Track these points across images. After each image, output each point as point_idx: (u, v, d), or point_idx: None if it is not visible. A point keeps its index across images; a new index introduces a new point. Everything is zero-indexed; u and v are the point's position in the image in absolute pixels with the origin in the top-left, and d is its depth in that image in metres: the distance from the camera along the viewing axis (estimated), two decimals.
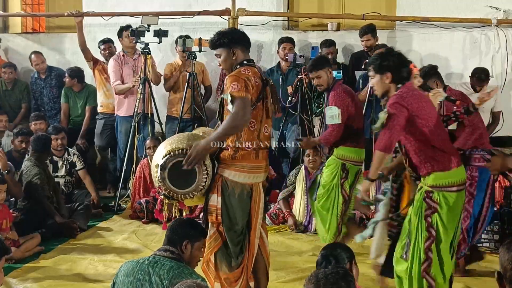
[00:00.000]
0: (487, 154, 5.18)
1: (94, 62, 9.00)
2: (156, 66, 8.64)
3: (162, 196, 4.68)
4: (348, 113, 6.13)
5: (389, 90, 4.60)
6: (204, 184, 4.50)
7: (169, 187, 4.51)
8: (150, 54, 8.26)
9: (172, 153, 4.49)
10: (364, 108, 7.69)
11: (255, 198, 4.62)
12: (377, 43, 8.26)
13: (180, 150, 4.48)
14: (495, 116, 7.94)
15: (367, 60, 7.65)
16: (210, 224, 4.60)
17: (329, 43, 8.52)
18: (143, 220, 7.51)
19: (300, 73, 8.04)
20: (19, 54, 10.34)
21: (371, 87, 7.53)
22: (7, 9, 10.80)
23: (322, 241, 6.24)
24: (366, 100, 7.70)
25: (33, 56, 9.38)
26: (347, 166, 6.20)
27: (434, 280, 4.52)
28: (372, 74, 4.65)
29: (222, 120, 4.66)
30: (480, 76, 7.64)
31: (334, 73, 7.68)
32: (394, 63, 4.58)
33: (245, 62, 4.62)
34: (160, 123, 8.57)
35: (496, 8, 8.20)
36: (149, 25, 8.25)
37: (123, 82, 8.59)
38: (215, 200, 4.54)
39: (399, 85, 4.55)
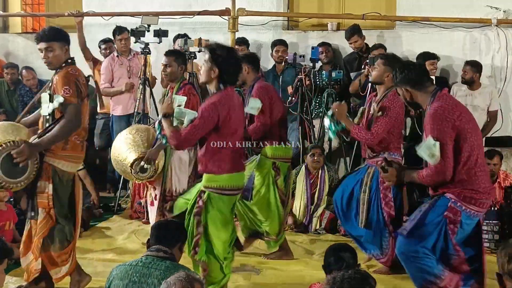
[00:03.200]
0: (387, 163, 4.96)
1: (94, 62, 9.00)
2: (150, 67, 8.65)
3: None
4: (271, 109, 6.17)
5: None
6: (34, 174, 4.91)
7: (1, 177, 4.78)
8: (150, 54, 8.25)
9: (4, 145, 4.78)
10: None
11: (77, 185, 5.18)
12: (365, 42, 8.33)
13: (11, 142, 4.79)
14: (492, 116, 7.94)
15: (367, 60, 7.68)
16: (40, 209, 5.01)
17: (322, 43, 8.58)
18: (143, 220, 7.51)
19: (300, 73, 8.03)
20: (19, 55, 10.34)
21: (372, 86, 7.60)
22: (7, 9, 10.80)
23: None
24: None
25: (24, 71, 9.39)
26: (277, 164, 6.21)
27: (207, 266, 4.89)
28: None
29: None
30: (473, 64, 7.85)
31: (335, 72, 7.72)
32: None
33: (69, 61, 5.04)
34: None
35: (496, 8, 8.20)
36: (149, 25, 8.25)
37: (111, 84, 8.64)
38: (47, 187, 4.98)
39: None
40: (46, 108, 4.99)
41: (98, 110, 9.11)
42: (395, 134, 5.78)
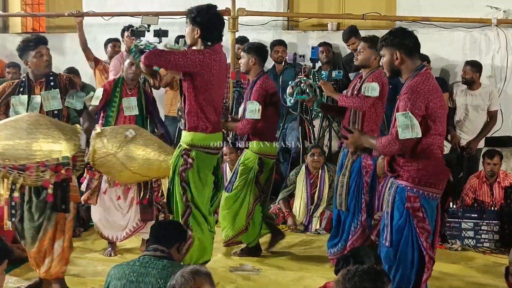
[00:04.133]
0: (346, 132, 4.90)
1: (96, 62, 8.99)
2: None
3: None
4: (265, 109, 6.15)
5: None
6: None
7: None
8: None
9: None
10: None
11: None
12: None
13: None
14: (492, 115, 7.93)
15: None
16: (71, 204, 5.02)
17: (323, 43, 8.58)
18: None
19: (299, 73, 8.02)
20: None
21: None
22: (7, 9, 10.81)
23: (224, 237, 6.32)
24: None
25: (8, 69, 9.39)
26: (263, 160, 6.20)
27: (191, 231, 5.04)
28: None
29: None
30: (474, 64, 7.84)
31: (335, 72, 7.72)
32: None
33: None
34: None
35: (496, 8, 8.19)
36: (149, 25, 8.24)
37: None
38: (75, 181, 5.11)
39: None
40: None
41: None
42: (377, 111, 5.83)
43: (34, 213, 4.97)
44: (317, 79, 8.37)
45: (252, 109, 6.02)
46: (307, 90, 6.14)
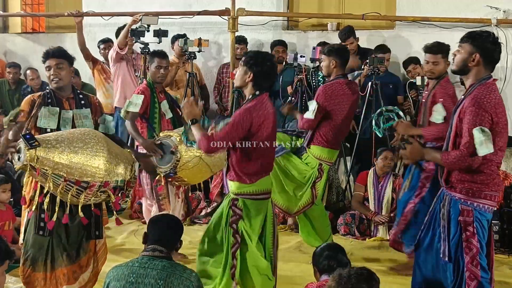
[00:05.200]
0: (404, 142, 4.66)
1: (94, 62, 8.99)
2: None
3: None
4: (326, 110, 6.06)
5: None
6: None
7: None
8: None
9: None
10: (364, 108, 7.70)
11: None
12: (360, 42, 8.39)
13: None
14: None
15: (366, 61, 7.69)
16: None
17: (322, 43, 8.57)
18: (142, 220, 7.50)
19: (300, 73, 8.03)
20: (19, 54, 10.35)
21: (371, 87, 7.60)
22: (7, 9, 10.82)
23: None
24: (366, 100, 7.69)
25: (28, 71, 9.42)
26: (323, 166, 6.15)
27: (237, 284, 4.86)
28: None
29: None
30: None
31: None
32: None
33: None
34: None
35: (496, 8, 8.19)
36: (149, 25, 8.27)
37: (115, 82, 8.65)
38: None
39: None
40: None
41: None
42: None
43: (69, 235, 4.83)
44: (313, 80, 8.38)
45: (311, 109, 5.94)
46: (391, 116, 6.06)
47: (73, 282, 4.88)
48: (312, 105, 5.94)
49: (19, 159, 4.40)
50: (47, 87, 5.10)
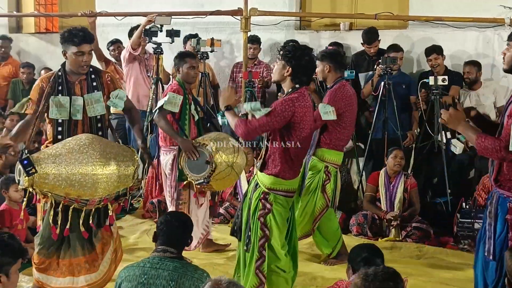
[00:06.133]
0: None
1: (106, 62, 9.02)
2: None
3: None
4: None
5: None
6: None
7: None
8: (162, 54, 8.28)
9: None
10: (376, 108, 7.68)
11: None
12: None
13: None
14: (500, 111, 7.88)
15: (379, 61, 7.67)
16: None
17: (334, 43, 8.57)
18: (155, 219, 7.52)
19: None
20: (32, 54, 10.40)
21: (384, 87, 7.58)
22: (21, 9, 10.88)
23: None
24: (379, 100, 7.68)
25: (43, 71, 9.39)
26: (329, 168, 6.15)
27: (265, 277, 4.82)
28: None
29: None
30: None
31: (347, 72, 7.71)
32: None
33: None
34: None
35: (509, 7, 8.14)
36: (161, 25, 8.30)
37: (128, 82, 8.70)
38: None
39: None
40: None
41: (111, 110, 9.14)
42: None
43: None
44: None
45: (326, 111, 5.86)
46: None
47: (94, 271, 4.95)
48: (328, 108, 5.92)
49: (18, 182, 4.54)
50: (59, 70, 5.01)
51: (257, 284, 4.81)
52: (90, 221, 4.78)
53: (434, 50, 8.03)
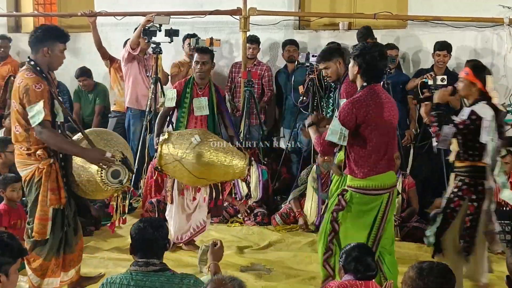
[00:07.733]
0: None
1: (111, 60, 9.04)
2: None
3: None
4: None
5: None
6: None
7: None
8: (161, 53, 8.28)
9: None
10: None
11: None
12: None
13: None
14: None
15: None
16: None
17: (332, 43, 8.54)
18: None
19: (312, 73, 8.03)
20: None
21: (382, 86, 7.57)
22: (20, 9, 10.87)
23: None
24: None
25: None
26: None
27: (333, 270, 4.80)
28: None
29: None
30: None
31: None
32: None
33: None
34: (172, 122, 8.59)
35: (508, 7, 8.17)
36: (160, 25, 8.30)
37: (127, 82, 8.70)
38: None
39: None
40: None
41: (111, 108, 9.16)
42: None
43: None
44: (325, 79, 8.37)
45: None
46: None
47: (81, 260, 5.21)
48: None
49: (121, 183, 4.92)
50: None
51: (326, 277, 4.84)
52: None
53: (446, 47, 8.02)
